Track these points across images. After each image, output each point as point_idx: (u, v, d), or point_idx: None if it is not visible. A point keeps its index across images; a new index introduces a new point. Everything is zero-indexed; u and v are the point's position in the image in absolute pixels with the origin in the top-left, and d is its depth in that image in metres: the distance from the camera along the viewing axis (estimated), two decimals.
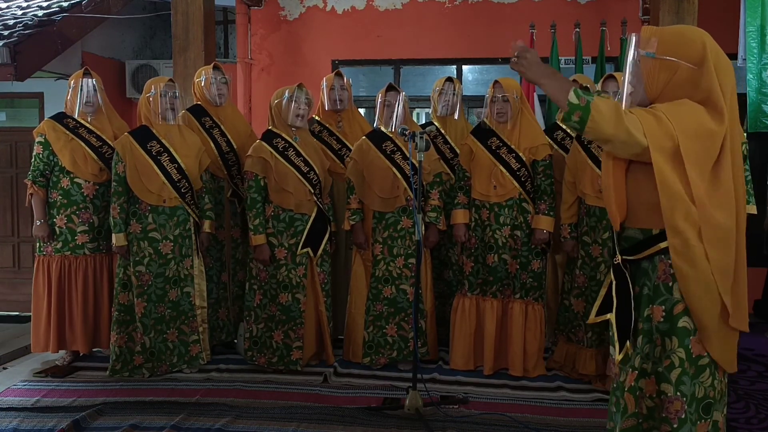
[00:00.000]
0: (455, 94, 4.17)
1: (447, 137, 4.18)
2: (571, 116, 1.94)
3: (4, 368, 3.98)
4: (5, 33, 4.80)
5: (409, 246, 3.79)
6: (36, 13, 5.26)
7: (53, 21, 5.05)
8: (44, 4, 5.52)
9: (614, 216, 2.12)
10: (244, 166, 3.83)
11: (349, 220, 3.88)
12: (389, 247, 3.80)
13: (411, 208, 3.75)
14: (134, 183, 3.66)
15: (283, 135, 3.80)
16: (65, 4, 5.33)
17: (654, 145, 1.91)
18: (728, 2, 5.16)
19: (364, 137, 3.93)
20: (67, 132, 3.85)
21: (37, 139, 3.88)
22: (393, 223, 3.80)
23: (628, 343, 2.09)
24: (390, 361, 3.85)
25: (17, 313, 5.39)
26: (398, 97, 3.84)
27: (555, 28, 5.49)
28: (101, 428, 3.05)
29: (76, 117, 3.90)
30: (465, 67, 6.56)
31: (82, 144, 3.85)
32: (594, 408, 3.29)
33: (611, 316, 2.15)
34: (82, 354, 4.04)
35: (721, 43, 2.04)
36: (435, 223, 3.82)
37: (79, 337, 3.92)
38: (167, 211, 3.71)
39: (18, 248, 5.81)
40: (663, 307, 2.04)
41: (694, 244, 1.95)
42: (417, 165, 3.26)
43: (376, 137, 3.89)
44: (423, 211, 3.69)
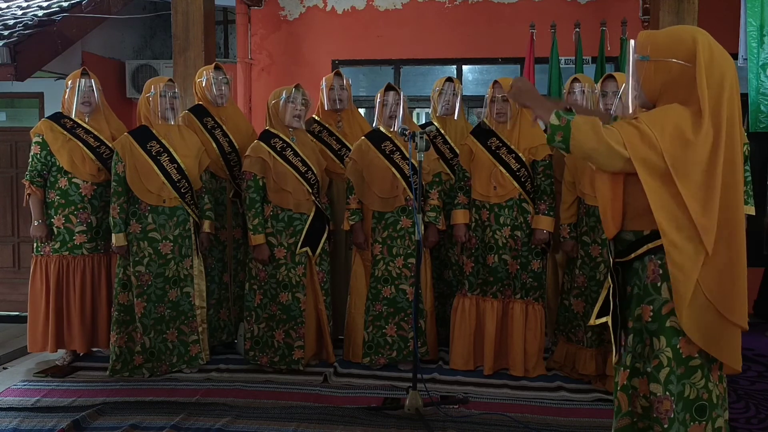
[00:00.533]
0: (455, 94, 4.17)
1: (447, 137, 4.18)
2: (554, 137, 2.06)
3: (4, 368, 3.98)
4: (5, 33, 4.80)
5: (408, 246, 3.79)
6: (36, 13, 5.26)
7: (53, 21, 5.05)
8: (44, 4, 5.52)
9: (609, 226, 2.15)
10: (243, 166, 3.83)
11: (348, 220, 3.88)
12: (389, 247, 3.80)
13: (410, 208, 3.75)
14: (134, 183, 3.66)
15: (281, 135, 3.80)
16: (65, 4, 5.33)
17: (635, 155, 1.96)
18: (728, 2, 5.16)
19: (363, 137, 3.93)
20: (65, 132, 3.85)
21: (35, 139, 3.87)
22: (392, 223, 3.80)
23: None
24: (390, 361, 3.85)
25: (17, 313, 5.38)
26: (397, 97, 3.84)
27: (555, 28, 5.48)
28: (101, 428, 3.05)
29: (73, 117, 3.90)
30: (465, 67, 6.56)
31: (80, 144, 3.85)
32: (594, 408, 3.29)
33: (608, 319, 2.16)
34: (81, 354, 4.05)
35: (721, 43, 2.04)
36: (434, 223, 3.82)
37: (77, 336, 3.92)
38: (167, 211, 3.71)
39: (18, 248, 5.80)
40: (651, 306, 2.05)
41: (682, 246, 1.96)
42: (416, 165, 3.26)
43: (375, 137, 3.89)
44: (422, 211, 3.69)
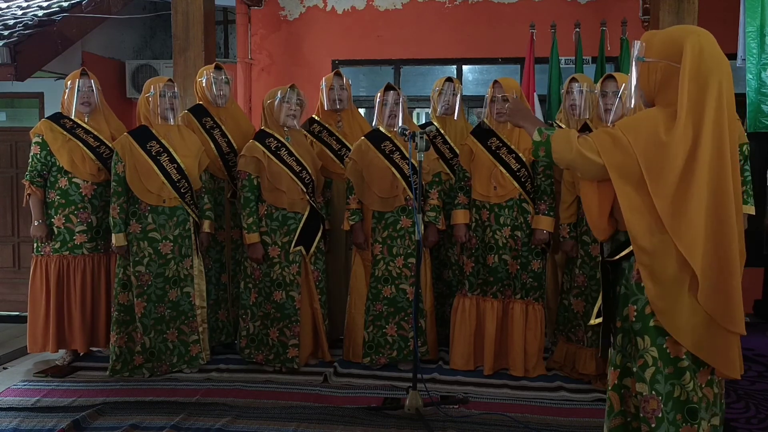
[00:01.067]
0: (455, 94, 4.17)
1: (447, 137, 4.18)
2: (538, 152, 2.17)
3: (4, 368, 3.98)
4: (5, 33, 4.80)
5: (408, 246, 3.79)
6: (36, 13, 5.26)
7: (53, 21, 5.05)
8: (44, 4, 5.52)
9: (596, 231, 2.19)
10: (238, 165, 3.84)
11: (348, 220, 3.88)
12: (389, 247, 3.80)
13: (410, 208, 3.75)
14: (134, 183, 3.66)
15: (276, 135, 3.81)
16: (65, 4, 5.33)
17: (608, 161, 2.01)
18: (728, 2, 5.15)
19: (363, 137, 3.93)
20: (65, 132, 3.85)
21: (34, 139, 3.87)
22: (392, 222, 3.80)
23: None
24: (390, 361, 3.85)
25: (17, 313, 5.38)
26: (397, 97, 3.85)
27: (555, 28, 5.48)
28: (101, 428, 3.05)
29: (72, 117, 3.90)
30: (465, 67, 6.55)
31: (80, 144, 3.85)
32: (594, 408, 3.29)
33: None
34: (81, 353, 4.05)
35: (721, 43, 2.04)
36: (434, 223, 3.82)
37: (77, 336, 3.92)
38: (167, 211, 3.71)
39: (18, 248, 5.81)
40: (636, 306, 2.06)
41: (653, 251, 1.98)
42: (416, 165, 3.26)
43: (375, 137, 3.89)
44: (422, 211, 3.69)
